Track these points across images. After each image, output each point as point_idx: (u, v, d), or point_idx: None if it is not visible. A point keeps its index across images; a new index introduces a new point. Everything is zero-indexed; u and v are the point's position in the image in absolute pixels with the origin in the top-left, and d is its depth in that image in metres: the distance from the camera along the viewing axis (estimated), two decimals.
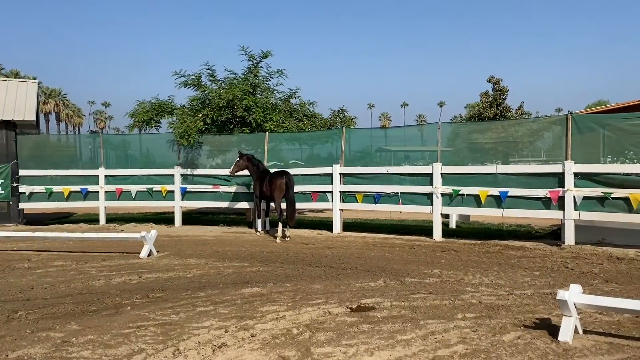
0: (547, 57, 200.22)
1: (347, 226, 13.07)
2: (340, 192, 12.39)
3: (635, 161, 10.70)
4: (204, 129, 14.63)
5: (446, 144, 13.55)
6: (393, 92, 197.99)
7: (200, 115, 14.60)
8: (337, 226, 12.50)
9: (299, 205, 12.11)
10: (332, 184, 12.45)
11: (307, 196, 12.86)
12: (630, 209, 9.20)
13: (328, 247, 10.35)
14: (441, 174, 11.13)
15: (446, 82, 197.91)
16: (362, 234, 12.08)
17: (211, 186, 14.12)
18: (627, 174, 9.68)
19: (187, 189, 14.35)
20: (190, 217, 16.25)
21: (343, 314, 5.39)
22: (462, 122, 37.61)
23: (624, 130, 10.76)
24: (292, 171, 12.55)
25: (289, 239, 11.37)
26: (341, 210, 12.54)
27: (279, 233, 11.51)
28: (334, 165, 12.61)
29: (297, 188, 12.36)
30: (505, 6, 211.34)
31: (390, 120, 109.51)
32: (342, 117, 17.14)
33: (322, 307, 5.58)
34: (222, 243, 11.17)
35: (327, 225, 13.12)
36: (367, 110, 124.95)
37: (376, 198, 11.94)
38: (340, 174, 12.50)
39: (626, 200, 9.25)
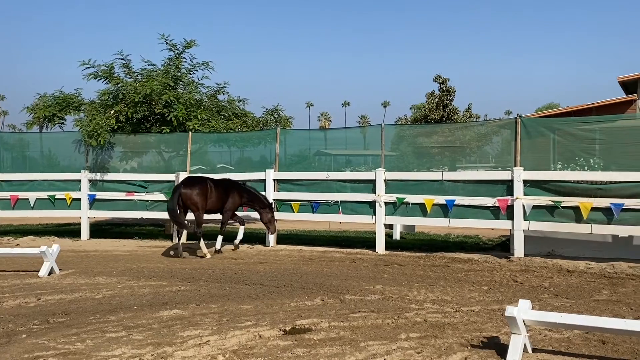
0: (496, 57, 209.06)
1: (282, 238, 13.04)
2: (274, 200, 12.35)
3: (586, 168, 11.36)
4: (116, 127, 14.20)
5: (390, 148, 13.85)
6: (333, 89, 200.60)
7: (113, 112, 14.17)
8: (270, 239, 12.45)
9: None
10: (264, 191, 12.39)
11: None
12: (580, 219, 9.71)
13: (260, 263, 10.28)
14: (384, 180, 11.34)
15: (391, 80, 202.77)
16: (299, 247, 12.10)
17: (125, 193, 13.69)
18: (577, 182, 10.24)
19: (96, 197, 13.83)
20: (99, 229, 15.69)
21: (275, 337, 5.36)
22: (407, 124, 38.57)
23: (574, 135, 11.39)
24: (220, 176, 12.39)
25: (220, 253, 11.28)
26: (275, 220, 12.49)
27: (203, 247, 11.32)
28: (267, 170, 12.57)
29: None
30: (455, 1, 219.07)
31: (331, 121, 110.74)
32: (276, 116, 17.14)
33: (251, 330, 5.52)
34: (137, 259, 10.85)
35: (259, 237, 13.05)
36: (305, 110, 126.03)
37: (314, 207, 12.00)
38: (274, 179, 12.48)
39: (576, 209, 9.76)
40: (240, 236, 11.73)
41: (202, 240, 11.13)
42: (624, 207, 9.38)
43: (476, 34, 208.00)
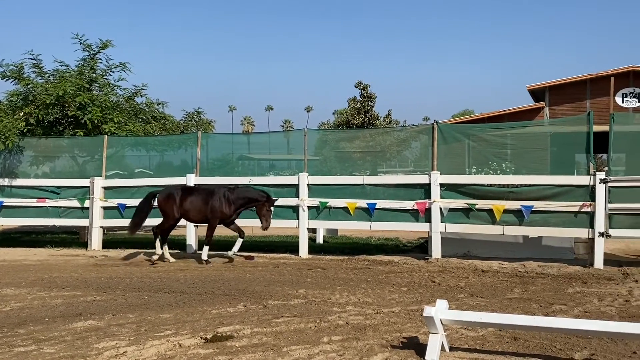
0: (414, 63, 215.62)
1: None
2: None
3: (499, 172, 11.91)
4: (26, 130, 13.49)
5: (314, 152, 13.92)
6: (256, 94, 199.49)
7: (22, 114, 13.47)
8: (191, 245, 12.20)
9: (147, 221, 11.53)
10: None
11: (155, 210, 12.38)
12: (493, 221, 10.17)
13: (180, 270, 10.05)
14: (308, 185, 11.40)
15: (314, 86, 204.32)
16: (220, 253, 11.92)
17: (35, 200, 12.99)
18: (490, 185, 10.73)
19: (4, 203, 13.04)
20: (8, 238, 14.82)
21: (196, 346, 5.25)
22: (330, 129, 39.00)
23: (487, 141, 11.92)
24: (139, 182, 12.02)
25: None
26: (196, 226, 12.26)
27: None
28: (187, 175, 12.30)
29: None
30: (379, 7, 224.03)
31: (254, 125, 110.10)
32: (197, 120, 16.85)
33: (171, 340, 5.38)
34: (48, 268, 10.32)
35: (179, 244, 12.74)
36: (228, 114, 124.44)
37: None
38: (194, 185, 12.23)
39: (489, 211, 10.21)
40: (236, 247, 10.81)
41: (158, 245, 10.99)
42: (533, 209, 9.90)
43: (396, 41, 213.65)
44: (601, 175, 9.62)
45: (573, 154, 12.57)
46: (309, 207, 11.37)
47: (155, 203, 11.06)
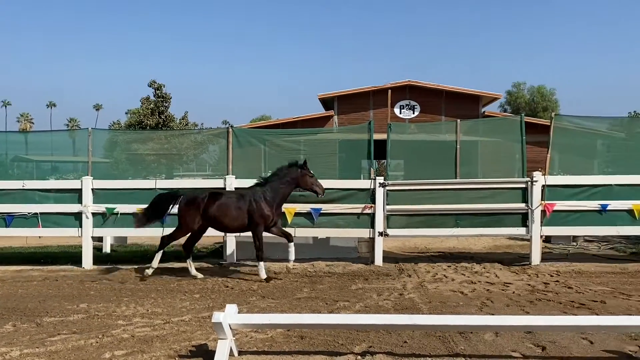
0: (214, 66, 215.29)
1: None
2: None
3: None
4: None
5: (103, 154, 13.06)
6: (36, 88, 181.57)
7: None
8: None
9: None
10: None
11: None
12: (285, 223, 10.49)
13: None
14: (92, 189, 10.64)
15: (104, 83, 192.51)
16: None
17: None
18: None
19: None
20: None
21: None
22: (121, 129, 37.02)
23: (281, 146, 12.31)
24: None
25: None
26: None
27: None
28: None
29: None
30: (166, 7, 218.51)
31: (33, 123, 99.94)
32: None
33: None
34: None
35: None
36: (1, 109, 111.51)
37: (7, 221, 10.64)
38: None
39: (282, 214, 10.53)
40: (292, 255, 9.51)
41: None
42: (321, 212, 10.45)
43: (194, 43, 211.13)
44: (380, 179, 10.52)
45: (359, 160, 13.57)
46: (94, 214, 10.62)
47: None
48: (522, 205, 10.39)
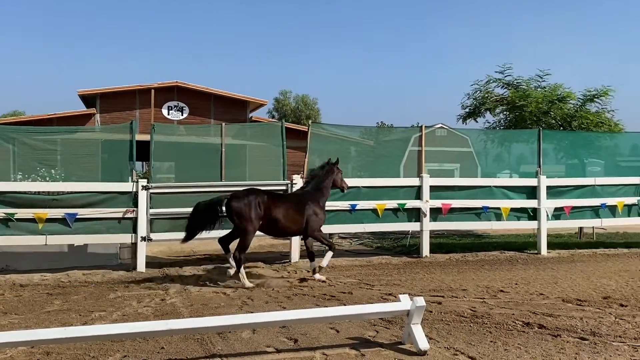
0: None
1: None
2: None
3: (48, 179, 11.35)
4: None
5: None
6: None
7: None
8: None
9: None
10: None
11: None
12: (35, 231, 9.58)
13: None
14: None
15: None
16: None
17: None
18: (37, 193, 10.09)
19: None
20: None
21: None
22: None
23: (32, 145, 11.23)
24: None
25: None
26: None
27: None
28: None
29: None
30: None
31: None
32: None
33: None
34: None
35: None
36: None
37: None
38: None
39: (32, 221, 9.59)
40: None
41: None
42: (78, 217, 9.75)
43: None
44: (143, 182, 10.21)
45: (124, 161, 12.99)
46: None
47: None
48: None
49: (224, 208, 8.92)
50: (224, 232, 9.35)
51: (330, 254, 9.35)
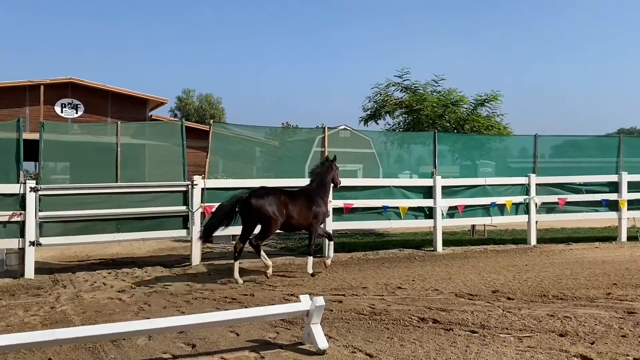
0: None
1: None
2: None
3: None
4: None
5: None
6: None
7: None
8: None
9: None
10: None
11: None
12: None
13: None
14: None
15: None
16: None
17: None
18: None
19: None
20: None
21: None
22: None
23: None
24: None
25: None
26: None
27: None
28: None
29: None
30: None
31: None
32: None
33: None
34: None
35: None
36: None
37: None
38: None
39: None
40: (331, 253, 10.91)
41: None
42: None
43: None
44: (32, 183, 9.59)
45: (12, 162, 12.12)
46: None
47: None
48: (184, 207, 10.71)
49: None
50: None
51: (331, 244, 10.95)
